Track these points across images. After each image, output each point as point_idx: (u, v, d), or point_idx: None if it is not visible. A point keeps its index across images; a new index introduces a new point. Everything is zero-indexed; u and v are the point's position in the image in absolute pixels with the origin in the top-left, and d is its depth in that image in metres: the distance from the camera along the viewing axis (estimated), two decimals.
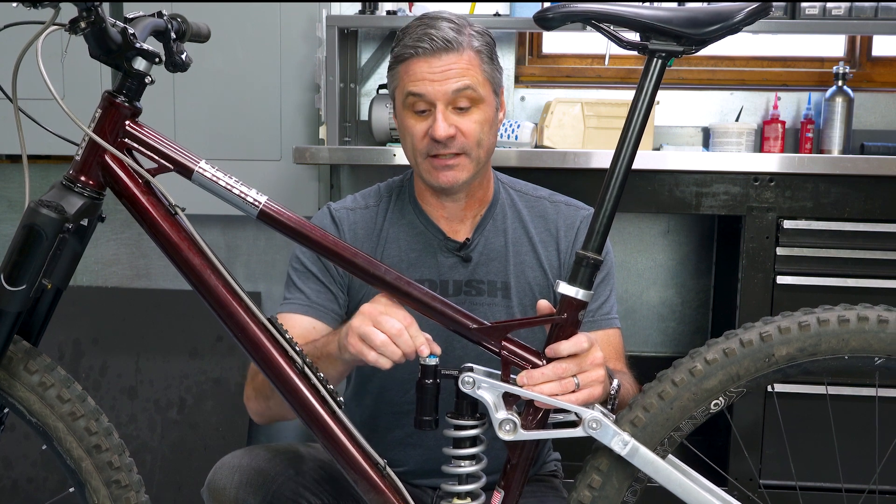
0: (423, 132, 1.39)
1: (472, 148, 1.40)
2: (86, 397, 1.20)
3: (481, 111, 1.40)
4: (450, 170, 1.40)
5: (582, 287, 1.16)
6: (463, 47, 1.37)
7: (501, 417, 1.16)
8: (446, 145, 1.38)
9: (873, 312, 1.12)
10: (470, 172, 1.41)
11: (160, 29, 1.19)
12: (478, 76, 1.39)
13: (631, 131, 1.14)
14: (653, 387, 1.17)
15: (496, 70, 1.43)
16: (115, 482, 1.19)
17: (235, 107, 2.64)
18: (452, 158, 1.39)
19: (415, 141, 1.40)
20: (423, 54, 1.37)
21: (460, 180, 1.41)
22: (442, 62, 1.36)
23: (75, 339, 2.70)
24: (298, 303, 1.45)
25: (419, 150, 1.41)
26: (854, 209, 2.19)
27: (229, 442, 2.56)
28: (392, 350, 1.15)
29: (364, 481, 1.18)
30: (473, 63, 1.38)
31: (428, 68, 1.37)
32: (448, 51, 1.36)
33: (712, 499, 1.15)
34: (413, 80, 1.38)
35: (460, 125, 1.38)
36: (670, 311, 2.81)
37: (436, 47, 1.36)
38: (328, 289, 1.46)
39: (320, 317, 1.44)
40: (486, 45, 1.41)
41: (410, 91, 1.38)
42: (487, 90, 1.41)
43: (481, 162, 1.43)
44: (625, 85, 2.80)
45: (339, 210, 1.52)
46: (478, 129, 1.39)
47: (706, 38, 1.12)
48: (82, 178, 1.14)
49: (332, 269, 1.46)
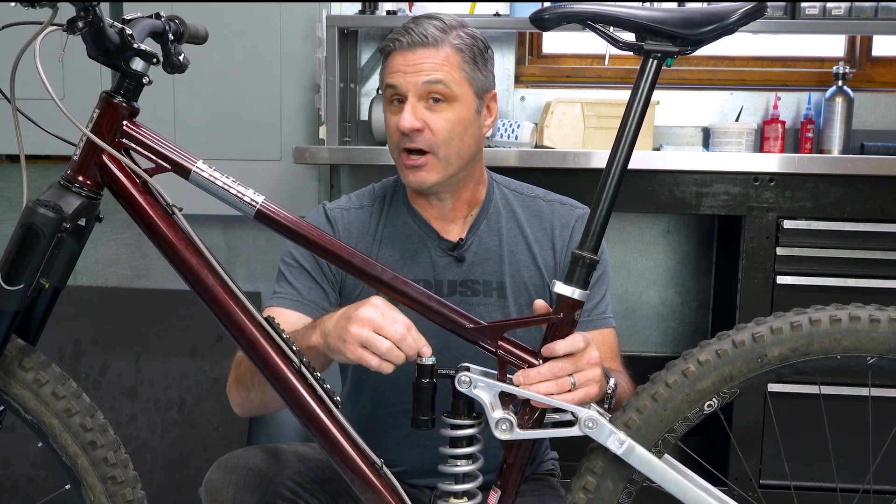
0: (396, 125, 1.40)
1: (439, 146, 1.39)
2: (80, 394, 1.20)
3: (454, 110, 1.40)
4: (418, 170, 1.40)
5: (578, 286, 1.16)
6: (440, 44, 1.39)
7: (498, 417, 1.16)
8: (412, 139, 1.38)
9: (864, 312, 1.12)
10: (440, 174, 1.41)
11: (158, 30, 1.20)
12: (453, 73, 1.39)
13: (627, 131, 1.15)
14: (646, 389, 1.17)
15: (480, 73, 1.42)
16: (111, 478, 1.19)
17: (235, 107, 2.64)
18: (420, 157, 1.40)
19: (391, 134, 1.43)
20: (398, 48, 1.40)
21: (428, 182, 1.41)
22: (416, 55, 1.38)
23: (75, 339, 2.71)
24: (289, 298, 1.45)
25: (394, 143, 1.42)
26: (854, 209, 2.19)
27: (229, 442, 2.57)
28: (397, 355, 1.15)
29: (361, 481, 1.18)
30: (451, 60, 1.39)
31: (403, 60, 1.39)
32: (424, 45, 1.38)
33: (709, 498, 1.15)
34: (390, 72, 1.41)
35: (429, 120, 1.38)
36: (670, 311, 2.81)
37: (412, 41, 1.38)
38: (319, 285, 1.46)
39: (310, 312, 1.43)
40: (470, 47, 1.41)
41: (387, 83, 1.41)
42: (465, 90, 1.40)
43: (452, 164, 1.41)
44: (625, 85, 2.80)
45: (334, 209, 1.52)
46: (447, 126, 1.39)
47: (701, 38, 1.12)
48: (80, 178, 1.14)
49: (325, 266, 1.46)
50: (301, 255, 1.47)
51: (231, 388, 1.43)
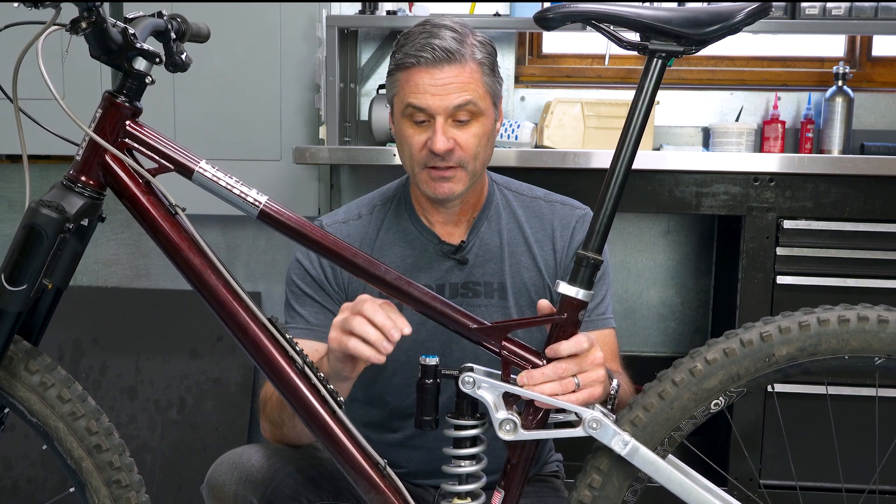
0: (422, 144, 1.38)
1: (468, 161, 1.39)
2: (86, 397, 1.20)
3: (480, 124, 1.39)
4: (446, 181, 1.39)
5: (582, 287, 1.16)
6: (465, 59, 1.36)
7: (502, 417, 1.16)
8: (444, 158, 1.37)
9: (873, 312, 1.12)
10: (466, 185, 1.41)
11: (160, 29, 1.19)
12: (479, 89, 1.37)
13: (631, 131, 1.14)
14: (653, 386, 1.17)
15: (496, 82, 1.42)
16: (116, 482, 1.19)
17: (235, 107, 2.64)
18: (449, 171, 1.39)
19: (413, 151, 1.40)
20: (424, 64, 1.35)
21: (456, 192, 1.40)
22: (444, 74, 1.35)
23: (75, 339, 2.70)
24: (299, 327, 1.45)
25: (417, 160, 1.40)
26: (854, 209, 2.19)
27: (229, 442, 2.56)
28: (375, 335, 1.15)
29: (364, 481, 1.18)
30: (475, 76, 1.37)
31: (430, 80, 1.35)
32: (450, 62, 1.35)
33: (712, 498, 1.15)
34: (414, 92, 1.36)
35: (458, 138, 1.37)
36: (670, 311, 2.81)
37: (437, 58, 1.34)
38: (325, 308, 1.46)
39: (322, 338, 1.42)
40: (487, 56, 1.40)
41: (411, 103, 1.37)
42: (487, 103, 1.40)
43: (477, 174, 1.42)
44: (625, 85, 2.80)
45: (331, 226, 1.51)
46: (476, 142, 1.39)
47: (706, 38, 1.12)
48: (83, 179, 1.14)
49: (327, 285, 1.46)
50: (303, 281, 1.47)
51: (265, 430, 1.45)
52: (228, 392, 2.64)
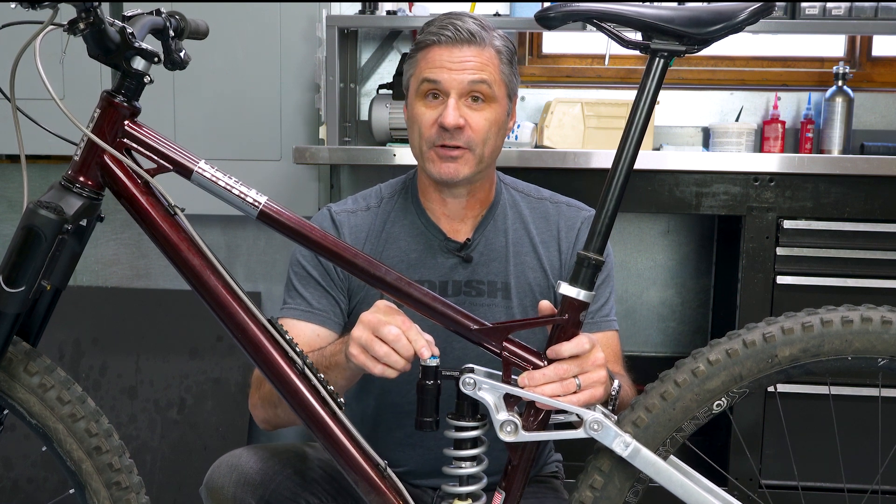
0: (433, 120, 1.39)
1: (477, 144, 1.39)
2: (86, 399, 1.19)
3: (493, 110, 1.40)
4: (453, 161, 1.39)
5: (583, 288, 1.15)
6: (486, 43, 1.39)
7: (502, 418, 1.16)
8: (453, 136, 1.38)
9: (877, 313, 1.11)
10: (472, 169, 1.41)
11: (158, 27, 1.19)
12: (495, 74, 1.39)
13: (633, 131, 1.14)
14: (655, 387, 1.16)
15: (513, 76, 1.44)
16: (116, 484, 1.18)
17: (235, 107, 2.63)
18: (456, 150, 1.39)
19: (423, 129, 1.40)
20: (445, 42, 1.38)
21: (461, 174, 1.40)
22: (463, 52, 1.37)
23: (75, 339, 2.70)
24: (300, 309, 1.44)
25: (426, 138, 1.40)
26: (854, 209, 2.19)
27: (229, 442, 2.56)
28: (395, 360, 1.15)
29: (364, 482, 1.18)
30: (493, 61, 1.39)
31: (448, 56, 1.38)
32: (471, 43, 1.38)
33: (713, 499, 1.15)
34: (430, 67, 1.39)
35: (470, 119, 1.38)
36: (670, 311, 2.81)
37: (459, 37, 1.37)
38: (329, 293, 1.45)
39: (323, 322, 1.43)
40: (506, 48, 1.42)
41: (426, 77, 1.39)
42: (502, 92, 1.41)
43: (484, 161, 1.42)
44: (625, 85, 2.79)
45: (339, 213, 1.51)
46: (486, 126, 1.39)
47: (708, 37, 1.11)
48: (81, 179, 1.13)
49: (333, 272, 1.46)
50: (309, 263, 1.46)
51: (255, 406, 1.43)
52: (228, 392, 2.64)
